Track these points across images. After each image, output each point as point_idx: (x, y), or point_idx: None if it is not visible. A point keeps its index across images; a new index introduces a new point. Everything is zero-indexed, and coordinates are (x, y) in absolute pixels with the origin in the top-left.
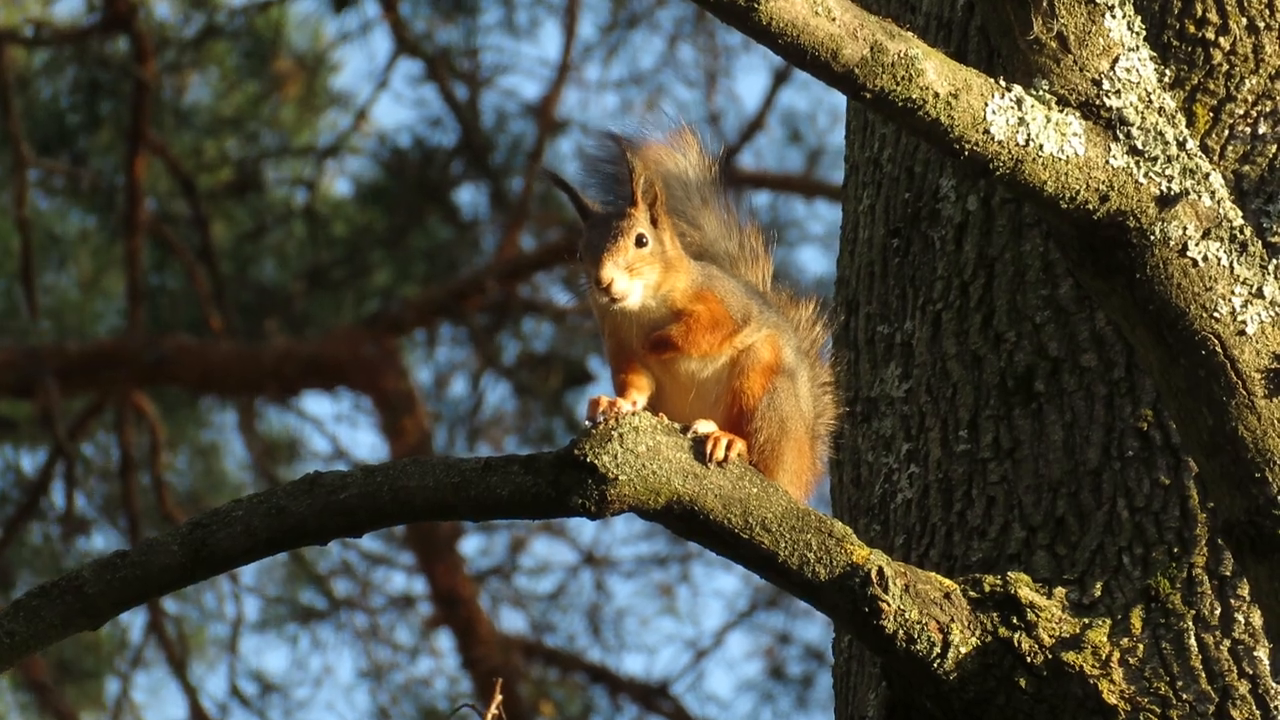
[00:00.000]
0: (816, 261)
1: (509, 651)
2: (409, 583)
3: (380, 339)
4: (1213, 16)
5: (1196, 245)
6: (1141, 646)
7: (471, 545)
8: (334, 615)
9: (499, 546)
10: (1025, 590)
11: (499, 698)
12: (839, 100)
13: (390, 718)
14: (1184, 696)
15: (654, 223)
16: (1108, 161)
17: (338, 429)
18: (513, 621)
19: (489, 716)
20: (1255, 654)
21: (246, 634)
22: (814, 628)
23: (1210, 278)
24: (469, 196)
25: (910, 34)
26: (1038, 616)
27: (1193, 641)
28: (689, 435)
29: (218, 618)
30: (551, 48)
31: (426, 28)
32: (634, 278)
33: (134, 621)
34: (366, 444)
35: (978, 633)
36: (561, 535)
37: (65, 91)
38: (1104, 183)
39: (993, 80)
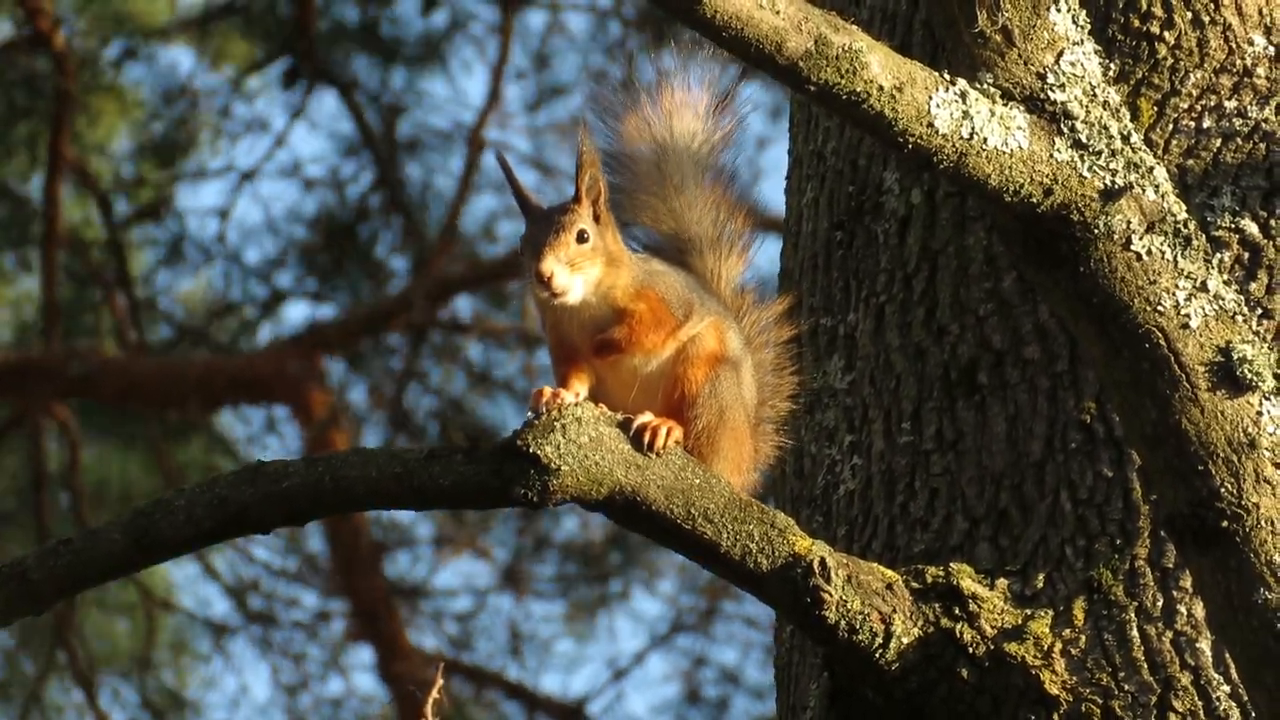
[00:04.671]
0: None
1: (429, 666)
2: (325, 600)
3: (307, 356)
4: (1157, 11)
5: (1140, 239)
6: (1084, 638)
7: (391, 565)
8: (249, 630)
9: (419, 565)
10: (968, 581)
11: (440, 681)
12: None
13: None
14: (1126, 687)
15: (596, 219)
16: (1052, 155)
17: (249, 453)
18: (430, 639)
19: (430, 697)
20: (1197, 645)
21: (159, 649)
22: (730, 651)
23: (1154, 271)
24: (384, 248)
25: (855, 27)
26: (980, 607)
27: (1135, 633)
28: (630, 427)
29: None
30: (473, 89)
31: (346, 61)
32: (575, 273)
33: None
34: None
35: (920, 623)
36: (485, 557)
37: None
38: (1048, 176)
39: (937, 74)
